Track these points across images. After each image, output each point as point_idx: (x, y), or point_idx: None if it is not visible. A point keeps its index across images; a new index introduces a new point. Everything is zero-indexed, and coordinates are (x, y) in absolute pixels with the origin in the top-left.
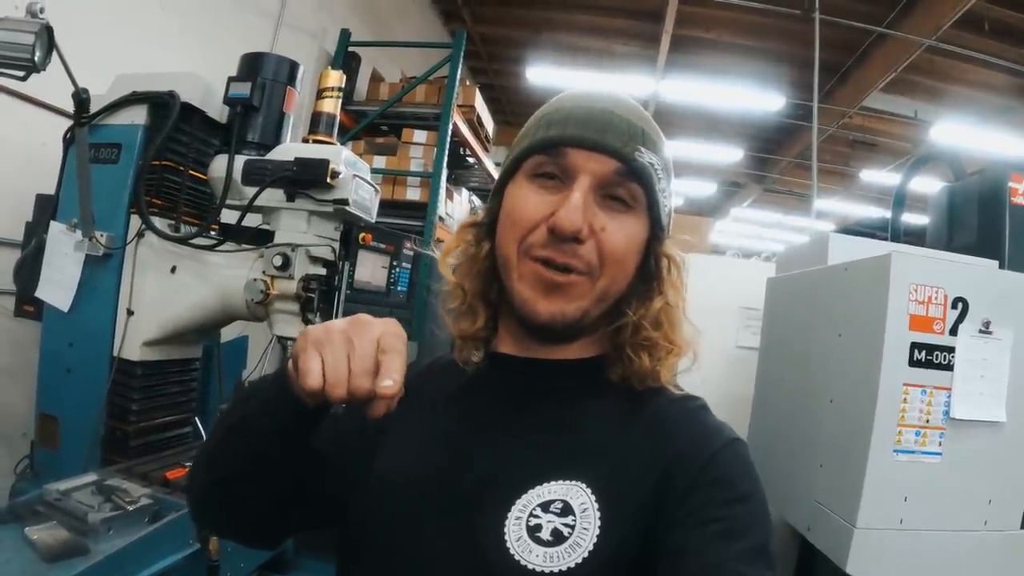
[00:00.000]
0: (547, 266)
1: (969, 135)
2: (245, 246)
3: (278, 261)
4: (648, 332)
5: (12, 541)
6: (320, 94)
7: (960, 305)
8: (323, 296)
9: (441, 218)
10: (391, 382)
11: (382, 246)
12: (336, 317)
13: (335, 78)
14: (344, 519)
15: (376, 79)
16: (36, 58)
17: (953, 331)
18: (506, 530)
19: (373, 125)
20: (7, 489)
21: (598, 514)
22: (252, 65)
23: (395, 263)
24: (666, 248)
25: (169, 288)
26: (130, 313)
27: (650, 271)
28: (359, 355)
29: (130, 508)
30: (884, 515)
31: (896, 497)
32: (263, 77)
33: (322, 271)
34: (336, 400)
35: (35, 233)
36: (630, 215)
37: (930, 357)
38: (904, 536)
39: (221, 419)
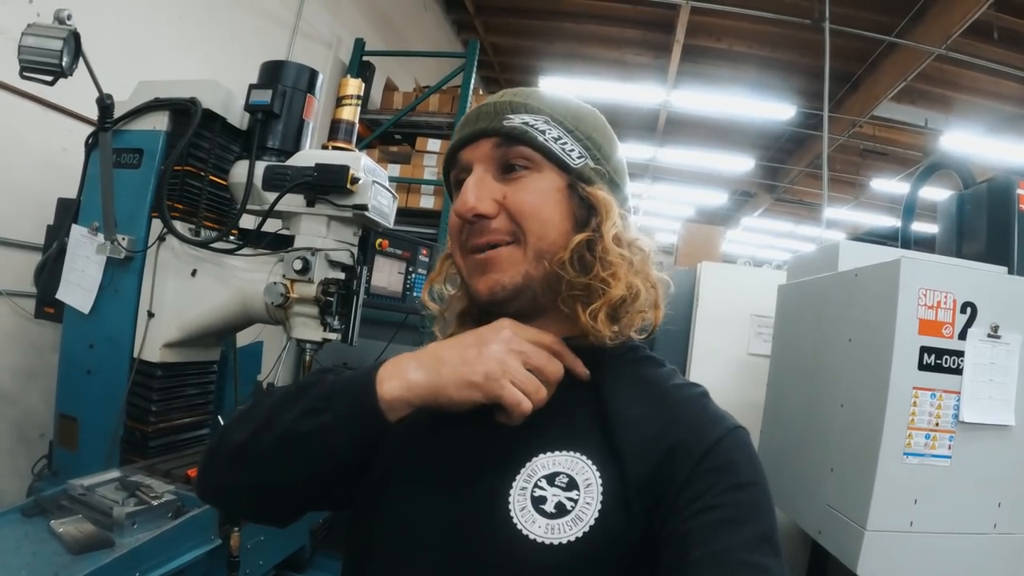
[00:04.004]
0: (474, 252)
1: (980, 144)
2: (264, 250)
3: (298, 265)
4: (573, 277)
5: (38, 533)
6: (339, 102)
7: (969, 310)
8: (342, 300)
9: None
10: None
11: (399, 252)
12: (355, 321)
13: (354, 86)
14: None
15: (390, 88)
16: (64, 63)
17: (962, 335)
18: (511, 499)
19: (387, 134)
20: (25, 489)
21: (601, 489)
22: (273, 73)
23: (411, 269)
24: (591, 190)
25: (189, 291)
26: (150, 315)
27: (583, 219)
28: (536, 364)
29: (154, 503)
30: (894, 518)
31: (906, 500)
32: (283, 85)
33: (341, 275)
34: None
35: (56, 236)
36: (530, 175)
37: (939, 361)
38: (914, 539)
39: (273, 423)
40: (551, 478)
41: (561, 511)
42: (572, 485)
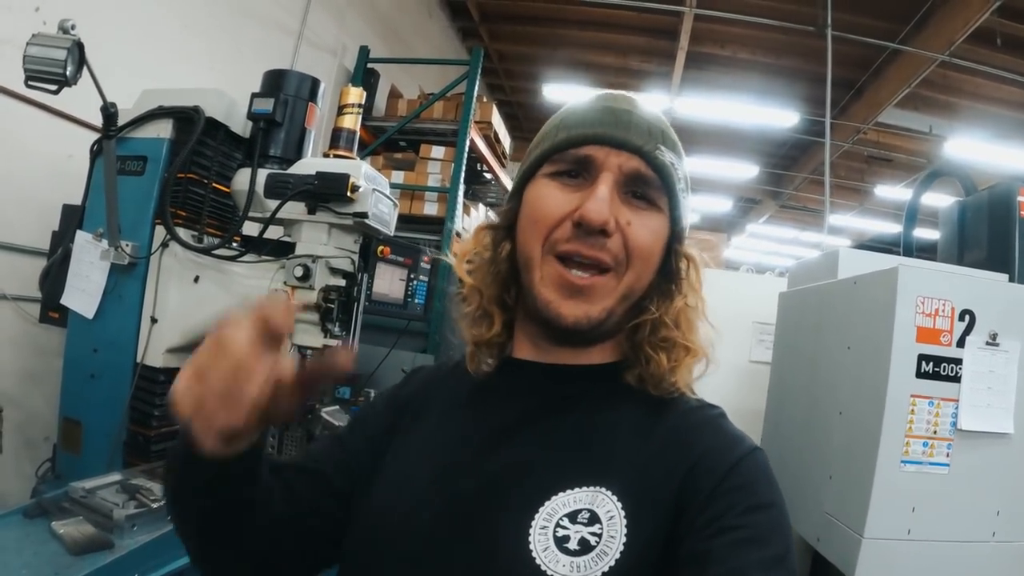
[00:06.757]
0: (568, 264)
1: (984, 150)
2: (266, 257)
3: (299, 272)
4: (668, 331)
5: (40, 534)
6: (341, 110)
7: (967, 317)
8: (342, 307)
9: (458, 233)
10: None
11: (400, 259)
12: (355, 328)
13: (355, 95)
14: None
15: (395, 95)
16: (68, 72)
17: (960, 343)
18: (531, 539)
19: (391, 140)
20: (29, 491)
21: (624, 521)
22: (275, 82)
23: (412, 276)
24: (686, 248)
25: (192, 297)
26: (154, 321)
27: (671, 271)
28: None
29: (153, 506)
30: (892, 525)
31: (904, 508)
32: (285, 93)
33: (342, 282)
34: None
35: (61, 242)
36: (652, 212)
37: (937, 369)
38: (912, 547)
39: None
40: (573, 516)
41: (585, 548)
42: (594, 519)
